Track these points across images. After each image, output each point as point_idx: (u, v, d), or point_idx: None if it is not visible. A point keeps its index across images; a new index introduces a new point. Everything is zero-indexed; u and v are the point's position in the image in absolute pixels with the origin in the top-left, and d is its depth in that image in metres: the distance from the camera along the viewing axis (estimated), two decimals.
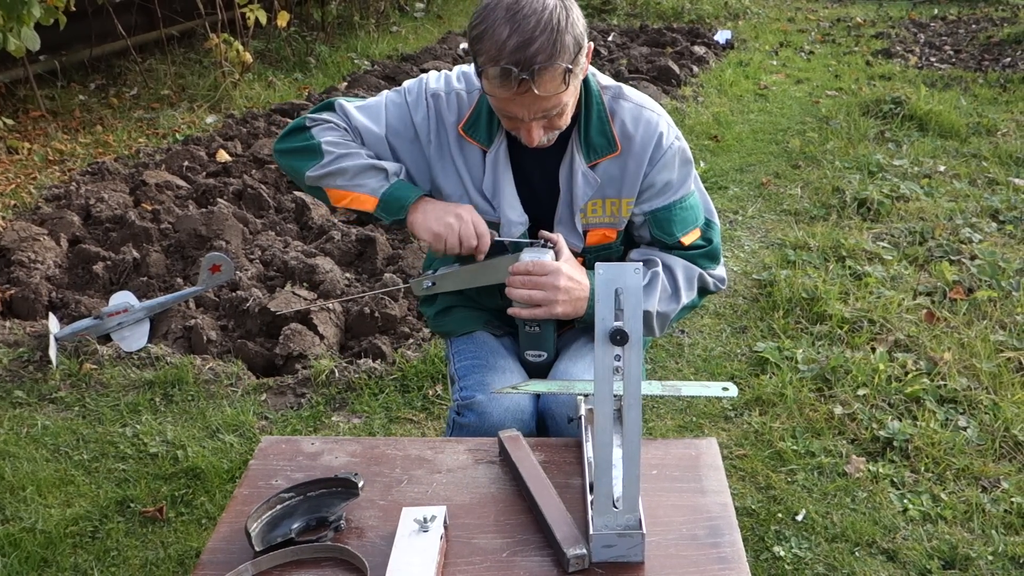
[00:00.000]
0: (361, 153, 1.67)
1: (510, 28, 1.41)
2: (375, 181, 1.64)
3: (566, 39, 1.43)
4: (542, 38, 1.41)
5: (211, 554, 1.27)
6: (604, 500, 1.22)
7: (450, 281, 1.74)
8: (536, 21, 1.41)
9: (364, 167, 1.64)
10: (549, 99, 1.46)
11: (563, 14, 1.43)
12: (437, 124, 1.67)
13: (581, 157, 1.63)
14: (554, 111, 1.50)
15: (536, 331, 1.72)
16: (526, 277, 1.59)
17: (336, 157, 1.65)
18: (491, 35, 1.42)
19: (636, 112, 1.64)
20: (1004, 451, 2.49)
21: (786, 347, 2.99)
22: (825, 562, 2.11)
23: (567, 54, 1.43)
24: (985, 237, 3.84)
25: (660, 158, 1.64)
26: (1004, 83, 6.52)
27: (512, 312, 1.64)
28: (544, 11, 1.42)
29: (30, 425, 2.61)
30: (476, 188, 1.68)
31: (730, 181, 4.63)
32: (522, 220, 1.67)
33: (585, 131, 1.62)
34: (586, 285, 1.63)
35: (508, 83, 1.43)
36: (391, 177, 1.65)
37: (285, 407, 2.73)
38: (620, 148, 1.63)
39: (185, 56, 6.52)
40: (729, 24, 9.00)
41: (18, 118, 5.24)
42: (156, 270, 3.38)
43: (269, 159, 4.49)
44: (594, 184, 1.64)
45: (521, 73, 1.41)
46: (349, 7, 7.93)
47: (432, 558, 1.20)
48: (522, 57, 1.40)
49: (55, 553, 2.13)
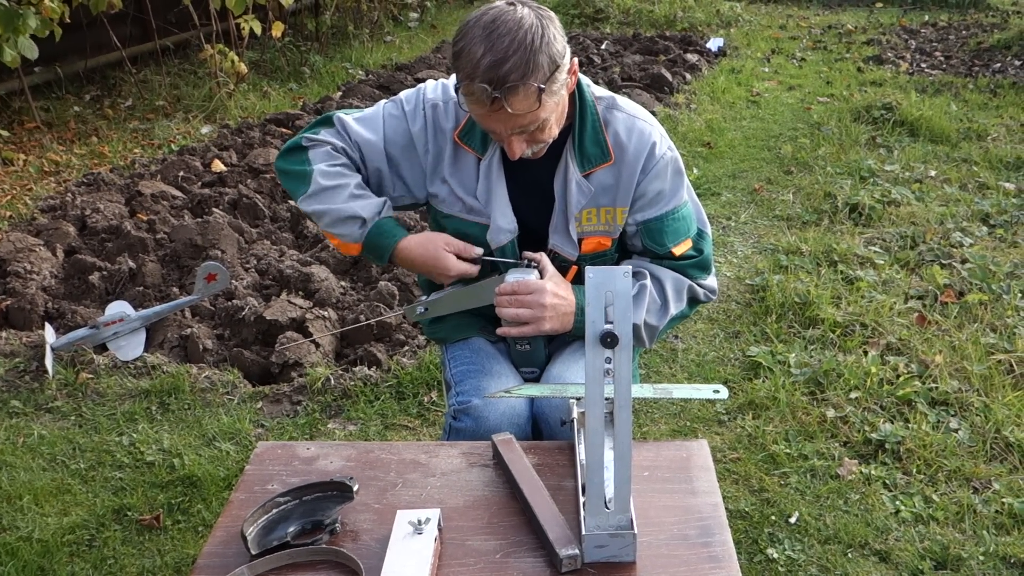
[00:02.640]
0: (345, 191, 1.68)
1: (485, 46, 1.43)
2: (356, 230, 1.68)
3: (540, 58, 1.44)
4: (515, 57, 1.43)
5: (207, 558, 1.28)
6: (596, 501, 1.24)
7: (442, 305, 1.77)
8: (511, 40, 1.43)
9: (342, 217, 1.68)
10: (524, 116, 1.49)
11: (539, 33, 1.45)
12: (435, 133, 1.70)
13: (575, 166, 1.65)
14: (532, 127, 1.52)
15: (527, 348, 1.76)
16: (512, 297, 1.62)
17: (322, 191, 1.69)
18: (467, 53, 1.46)
19: (629, 122, 1.67)
20: (995, 452, 2.51)
21: (779, 351, 3.01)
22: (818, 564, 2.13)
23: (540, 73, 1.45)
24: (976, 241, 3.87)
25: (652, 167, 1.66)
26: (994, 88, 6.57)
27: (502, 332, 1.67)
28: (519, 30, 1.44)
29: (26, 434, 2.62)
30: (470, 194, 1.71)
31: (723, 187, 4.66)
32: (511, 227, 1.70)
33: (579, 140, 1.65)
34: (572, 300, 1.66)
35: (482, 100, 1.46)
36: (368, 223, 1.68)
37: (281, 415, 2.74)
38: (614, 157, 1.65)
39: (180, 67, 6.54)
40: (721, 32, 9.06)
41: (13, 129, 5.26)
42: (152, 280, 3.39)
43: (264, 168, 4.51)
44: (588, 193, 1.66)
45: (494, 91, 1.44)
46: (343, 17, 7.96)
47: (426, 560, 1.21)
48: (495, 76, 1.43)
49: (52, 562, 2.14)
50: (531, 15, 1.47)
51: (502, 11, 1.47)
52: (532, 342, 1.74)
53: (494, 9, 1.48)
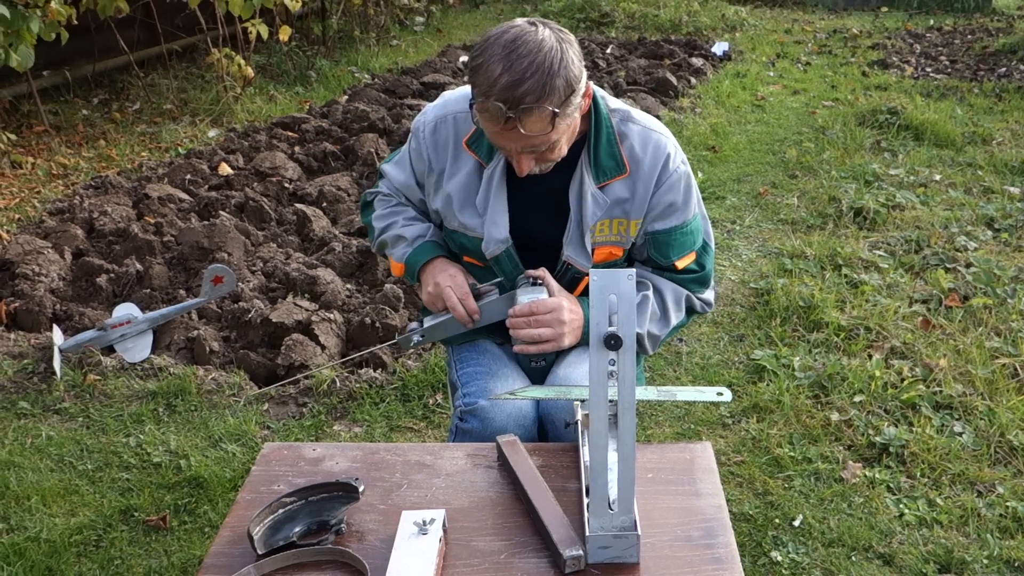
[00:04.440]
0: (398, 221, 1.85)
1: (503, 66, 1.44)
2: (400, 250, 1.83)
3: (556, 82, 1.45)
4: (532, 80, 1.43)
5: (214, 558, 1.29)
6: (600, 502, 1.25)
7: (439, 331, 1.75)
8: (529, 62, 1.44)
9: (395, 238, 1.84)
10: (536, 138, 1.50)
11: (557, 56, 1.46)
12: (435, 150, 1.74)
13: (591, 178, 1.66)
14: (542, 147, 1.53)
15: (542, 365, 1.79)
16: (531, 317, 1.63)
17: (381, 230, 1.87)
18: (485, 69, 1.46)
19: (645, 135, 1.68)
20: (999, 456, 2.51)
21: (783, 355, 3.01)
22: (822, 567, 2.13)
23: (556, 97, 1.46)
24: (980, 245, 3.87)
25: (666, 180, 1.67)
26: (999, 93, 6.56)
27: (519, 350, 1.68)
28: (539, 52, 1.45)
29: (34, 436, 2.64)
30: (469, 203, 1.72)
31: (727, 191, 4.67)
32: (503, 237, 1.71)
33: (594, 153, 1.66)
34: (582, 313, 1.69)
35: (496, 119, 1.47)
36: (413, 243, 1.81)
37: (287, 416, 2.76)
38: (629, 170, 1.67)
39: (187, 71, 6.57)
40: (726, 36, 9.06)
41: (22, 133, 5.29)
42: (159, 282, 3.41)
43: (270, 172, 4.53)
44: (604, 205, 1.67)
45: (508, 111, 1.45)
46: (349, 21, 7.99)
47: (431, 560, 1.22)
48: (511, 96, 1.44)
49: (59, 562, 2.15)
50: (551, 37, 1.47)
51: (523, 31, 1.47)
52: (546, 357, 1.77)
53: (515, 28, 1.48)
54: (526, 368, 1.82)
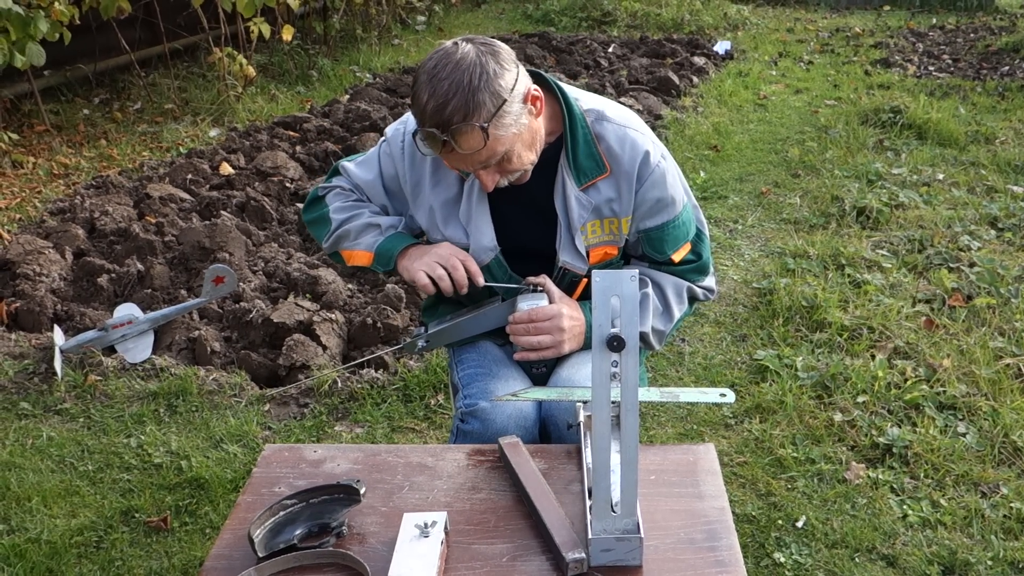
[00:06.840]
0: (364, 213, 1.80)
1: (428, 92, 1.46)
2: (370, 238, 1.77)
3: (480, 97, 1.45)
4: (455, 100, 1.44)
5: (215, 560, 1.29)
6: (602, 505, 1.24)
7: (444, 336, 1.75)
8: (450, 84, 1.44)
9: (363, 227, 1.78)
10: (478, 154, 1.49)
11: (477, 71, 1.45)
12: (411, 162, 1.74)
13: (572, 181, 1.66)
14: (492, 161, 1.53)
15: (543, 371, 1.78)
16: (530, 324, 1.64)
17: (341, 222, 1.80)
18: (416, 99, 1.48)
19: (620, 132, 1.67)
20: (1003, 457, 2.50)
21: (786, 355, 3.00)
22: (825, 568, 2.12)
23: (483, 111, 1.45)
24: (984, 244, 3.86)
25: (648, 176, 1.66)
26: (1002, 91, 6.55)
27: (520, 357, 1.69)
28: (459, 71, 1.45)
29: (35, 436, 2.63)
30: (452, 217, 1.72)
31: (730, 190, 4.66)
32: (491, 244, 1.71)
33: (573, 155, 1.65)
34: (582, 318, 1.69)
35: (435, 144, 1.49)
36: (385, 231, 1.77)
37: (288, 417, 2.75)
38: (609, 169, 1.66)
39: (188, 70, 6.57)
40: (729, 35, 9.05)
41: (23, 132, 5.28)
42: (160, 282, 3.41)
43: (272, 172, 4.52)
44: (588, 206, 1.67)
45: (442, 135, 1.46)
46: (351, 20, 7.99)
47: (433, 563, 1.21)
48: (440, 120, 1.45)
49: (60, 563, 2.14)
50: (472, 52, 1.47)
51: (445, 53, 1.48)
52: (547, 364, 1.77)
53: (439, 52, 1.49)
54: (527, 370, 1.81)
